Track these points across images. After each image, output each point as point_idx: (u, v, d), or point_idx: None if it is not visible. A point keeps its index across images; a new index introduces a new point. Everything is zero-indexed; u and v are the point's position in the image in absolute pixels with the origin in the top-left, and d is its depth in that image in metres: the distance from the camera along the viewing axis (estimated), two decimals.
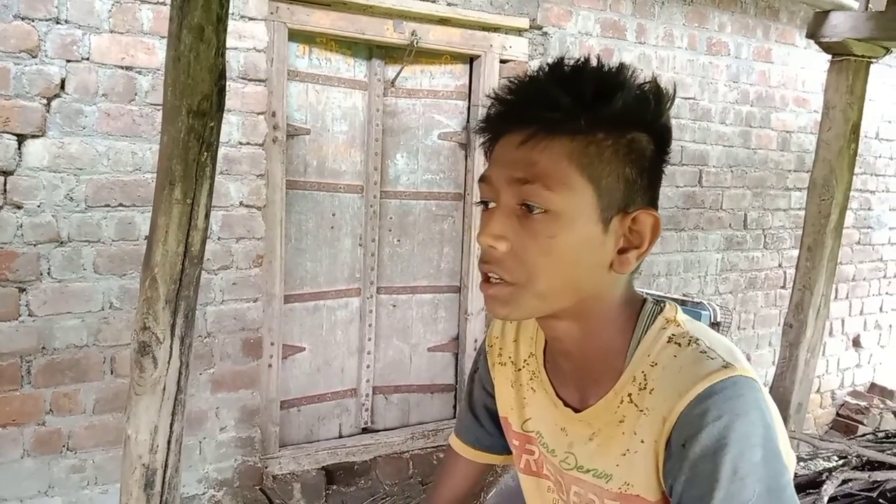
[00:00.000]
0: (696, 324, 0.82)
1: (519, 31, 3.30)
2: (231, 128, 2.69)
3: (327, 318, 3.20)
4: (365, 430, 3.38)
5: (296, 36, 2.89)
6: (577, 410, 0.87)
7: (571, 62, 0.78)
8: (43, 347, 2.45)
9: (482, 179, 0.81)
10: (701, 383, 0.74)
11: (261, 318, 2.87)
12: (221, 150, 2.67)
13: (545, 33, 3.36)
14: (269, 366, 2.95)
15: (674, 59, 3.76)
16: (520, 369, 0.96)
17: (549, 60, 0.81)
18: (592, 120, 0.75)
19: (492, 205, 0.80)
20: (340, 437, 3.31)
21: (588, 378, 0.86)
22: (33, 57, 2.32)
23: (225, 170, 2.70)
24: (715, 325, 3.23)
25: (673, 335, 0.80)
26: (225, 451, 2.85)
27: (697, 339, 0.79)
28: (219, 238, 2.73)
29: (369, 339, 3.30)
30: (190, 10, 1.71)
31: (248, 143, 2.73)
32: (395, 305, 3.36)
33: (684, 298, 3.41)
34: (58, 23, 2.35)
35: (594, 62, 0.78)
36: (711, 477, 0.70)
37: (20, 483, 2.46)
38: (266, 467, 2.98)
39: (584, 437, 0.85)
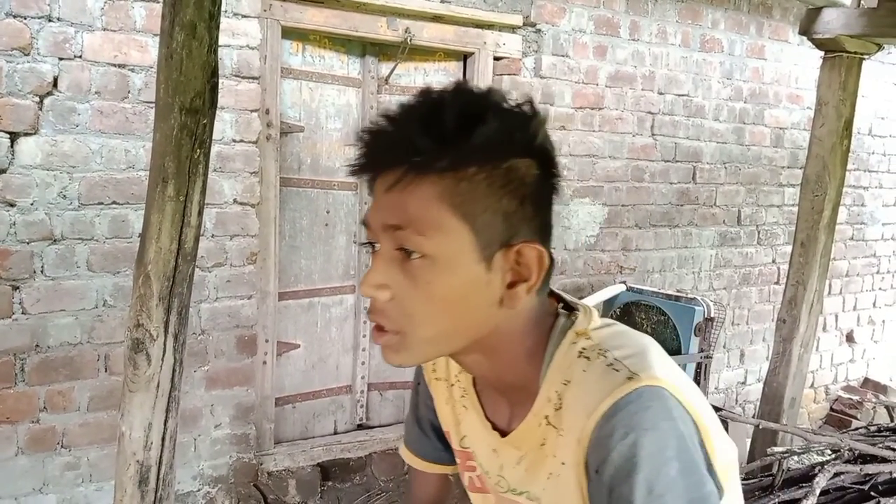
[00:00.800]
0: (611, 331, 0.79)
1: (512, 29, 3.31)
2: (224, 125, 2.70)
3: (322, 316, 3.20)
4: (360, 427, 3.38)
5: (289, 33, 2.89)
6: (504, 434, 0.85)
7: (434, 95, 0.73)
8: (37, 345, 2.45)
9: (363, 222, 0.78)
10: (605, 401, 0.70)
11: (255, 316, 2.87)
12: (215, 148, 2.67)
13: (539, 30, 3.36)
14: (264, 363, 2.95)
15: (667, 55, 3.77)
16: (452, 385, 0.94)
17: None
18: (458, 156, 0.71)
19: (378, 246, 0.76)
20: (335, 433, 3.31)
21: (511, 401, 0.84)
22: (25, 55, 2.32)
23: (219, 167, 2.70)
24: (709, 320, 3.25)
25: (583, 349, 0.76)
26: (220, 448, 2.85)
27: (605, 351, 0.75)
28: (213, 235, 2.73)
29: (364, 336, 3.31)
30: (182, 8, 1.71)
31: (241, 141, 2.74)
32: None
33: (678, 294, 3.42)
34: (50, 20, 2.34)
35: (459, 91, 0.73)
36: (627, 500, 0.67)
37: (14, 481, 2.46)
38: (261, 464, 2.98)
39: (513, 460, 0.83)
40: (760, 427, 2.79)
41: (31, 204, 2.39)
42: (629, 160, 3.75)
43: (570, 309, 0.82)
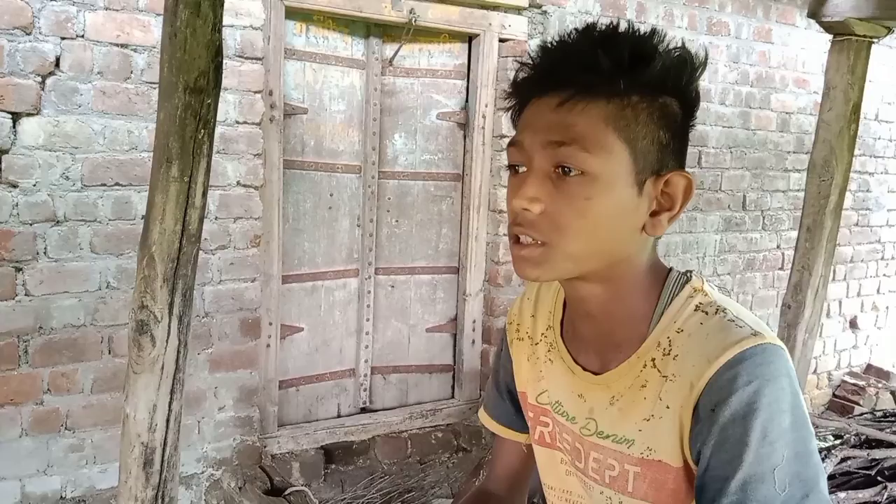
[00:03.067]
0: (723, 296, 0.84)
1: (518, 10, 3.27)
2: (228, 106, 2.67)
3: (325, 299, 3.19)
4: (363, 410, 3.38)
5: (293, 14, 2.86)
6: (596, 374, 0.88)
7: (604, 26, 0.78)
8: (40, 327, 2.44)
9: (512, 143, 0.82)
10: (731, 349, 0.74)
11: (259, 298, 2.86)
12: (218, 129, 2.63)
13: (545, 12, 3.32)
14: (268, 346, 2.95)
15: (673, 38, 3.72)
16: (537, 343, 0.97)
17: (569, 30, 0.80)
18: (630, 83, 0.76)
19: (522, 169, 0.80)
20: (339, 416, 3.32)
21: (609, 343, 0.86)
22: (27, 34, 2.29)
23: (222, 149, 2.68)
24: None
25: (700, 304, 0.81)
26: (224, 431, 2.85)
27: (725, 309, 0.79)
28: (216, 218, 2.71)
29: (367, 320, 3.30)
30: None
31: (244, 122, 2.71)
32: (393, 286, 3.35)
33: None
34: None
35: (630, 27, 0.78)
36: (741, 440, 0.71)
37: (19, 462, 2.46)
38: (265, 446, 2.99)
39: (604, 401, 0.86)
40: None
41: (34, 185, 2.37)
42: None
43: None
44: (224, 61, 2.63)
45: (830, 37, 3.18)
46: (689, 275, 0.85)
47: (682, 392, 0.77)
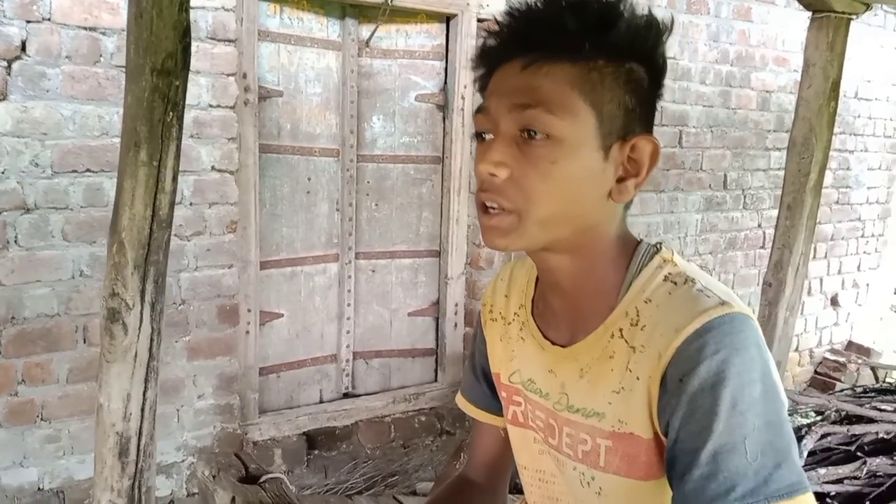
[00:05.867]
0: (693, 266, 0.83)
1: None
2: (200, 90, 2.63)
3: (305, 285, 3.16)
4: (346, 396, 3.37)
5: None
6: (564, 348, 0.87)
7: None
8: (12, 317, 2.40)
9: (479, 111, 0.81)
10: (699, 318, 0.73)
11: (236, 285, 2.83)
12: (191, 113, 2.61)
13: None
14: (247, 332, 2.92)
15: (643, 8, 3.69)
16: (509, 323, 0.96)
17: None
18: (596, 46, 0.75)
19: (489, 136, 0.80)
20: (321, 402, 3.30)
21: (578, 315, 0.85)
22: None
23: (195, 133, 2.63)
24: None
25: (669, 274, 0.80)
26: (203, 419, 2.82)
27: (693, 279, 0.79)
28: (191, 203, 2.67)
29: (349, 305, 3.28)
30: None
31: (218, 106, 2.67)
32: (374, 271, 3.33)
33: None
34: None
35: None
36: (710, 411, 0.70)
37: None
38: (246, 433, 2.96)
39: (574, 374, 0.85)
40: None
41: (2, 172, 2.32)
42: None
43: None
44: (196, 44, 2.60)
45: (809, 14, 3.17)
46: (658, 246, 0.84)
47: (650, 362, 0.76)
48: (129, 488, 1.90)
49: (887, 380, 4.51)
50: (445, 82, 3.29)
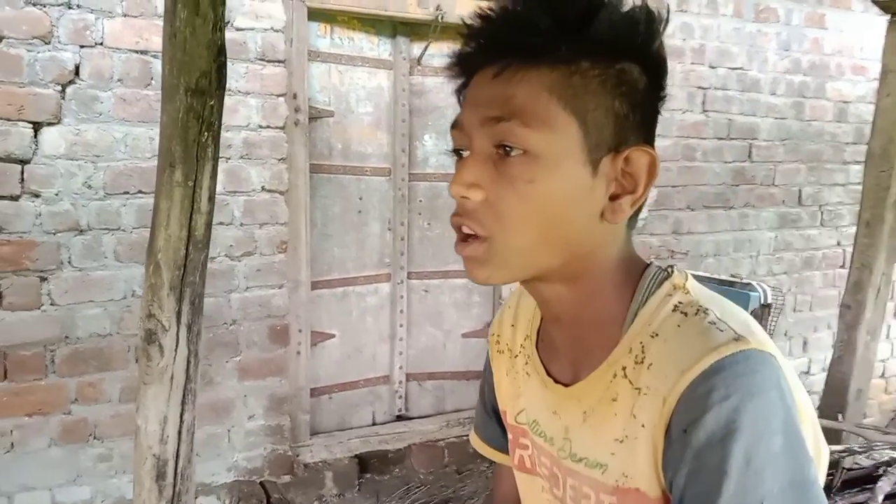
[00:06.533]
0: (710, 294, 0.71)
1: None
2: (250, 111, 2.63)
3: (357, 305, 3.13)
4: (399, 418, 3.30)
5: (316, 15, 2.81)
6: (567, 387, 0.77)
7: None
8: (66, 336, 2.44)
9: (453, 125, 0.72)
10: (707, 357, 0.62)
11: (287, 305, 2.81)
12: (241, 134, 2.62)
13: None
14: (298, 353, 2.89)
15: (718, 27, 3.55)
16: (515, 356, 0.87)
17: None
18: (576, 45, 0.66)
19: (465, 153, 0.71)
20: (374, 424, 3.24)
21: (581, 349, 0.75)
22: (46, 43, 2.29)
23: (245, 154, 2.64)
24: (765, 306, 3.05)
25: (679, 303, 0.68)
26: (254, 440, 2.81)
27: (707, 309, 0.67)
28: (241, 224, 2.67)
29: (401, 326, 3.22)
30: None
31: (268, 127, 2.67)
32: (426, 291, 3.27)
33: (732, 279, 3.22)
34: (69, 7, 2.31)
35: None
36: (719, 469, 0.59)
37: (48, 472, 2.46)
38: (297, 455, 2.93)
39: (578, 417, 0.74)
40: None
41: (56, 194, 2.37)
42: (679, 138, 3.56)
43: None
44: (245, 65, 2.62)
45: (888, 17, 2.97)
46: (670, 270, 0.73)
47: (654, 408, 0.65)
48: None
49: None
50: None
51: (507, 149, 0.66)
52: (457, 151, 0.72)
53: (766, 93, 3.74)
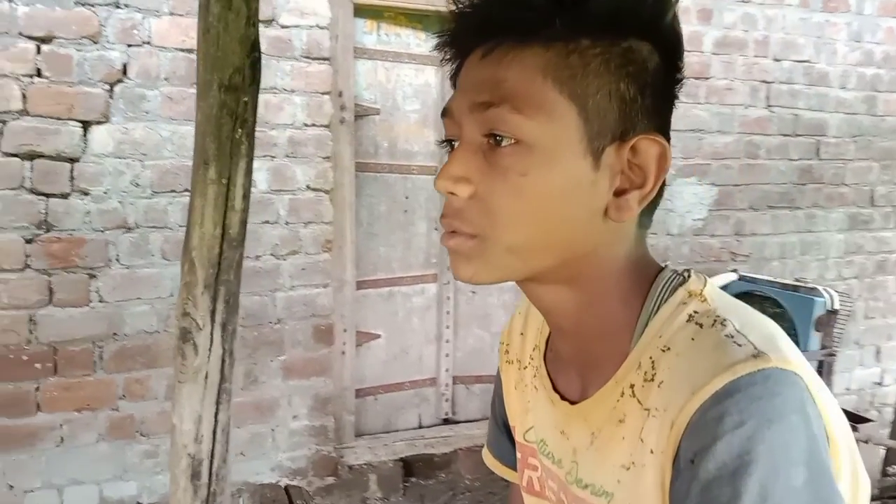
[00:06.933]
0: (732, 302, 0.62)
1: None
2: (295, 108, 2.62)
3: (403, 305, 3.09)
4: (445, 421, 3.25)
5: (362, 11, 2.78)
6: (575, 403, 0.69)
7: None
8: (114, 333, 2.47)
9: (444, 113, 0.64)
10: (721, 376, 0.54)
11: (331, 305, 2.79)
12: (286, 132, 2.61)
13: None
14: (343, 353, 2.87)
15: (783, 18, 3.38)
16: (524, 367, 0.79)
17: None
18: (573, 21, 0.58)
19: (457, 143, 0.63)
20: (420, 427, 3.20)
21: (589, 362, 0.67)
22: (95, 43, 2.32)
23: (290, 153, 2.63)
24: (832, 313, 2.88)
25: (695, 312, 0.60)
26: (298, 440, 2.79)
27: (725, 320, 0.58)
28: (287, 223, 2.66)
29: (447, 327, 3.16)
30: None
31: (313, 125, 2.65)
32: (474, 292, 3.20)
33: (797, 283, 3.06)
34: (118, 7, 2.34)
35: None
36: None
37: (96, 466, 2.50)
38: (341, 457, 2.91)
39: (585, 438, 0.67)
40: (869, 443, 2.42)
41: (105, 192, 2.40)
42: (741, 135, 3.40)
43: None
44: (290, 62, 2.60)
45: None
46: (686, 275, 0.64)
47: (663, 432, 0.57)
48: None
49: None
50: None
51: (498, 138, 0.59)
52: (449, 142, 0.65)
53: (836, 86, 3.54)
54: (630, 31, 0.59)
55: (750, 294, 3.12)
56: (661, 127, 0.62)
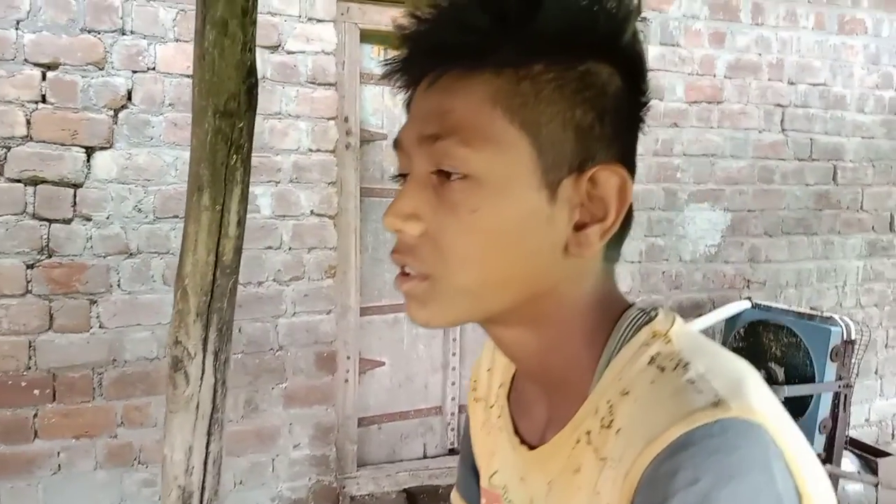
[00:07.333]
0: (702, 343, 0.58)
1: None
2: (301, 134, 2.61)
3: (408, 332, 3.04)
4: (451, 451, 3.18)
5: (369, 37, 2.77)
6: (534, 448, 0.65)
7: None
8: (114, 360, 2.45)
9: (395, 145, 0.62)
10: (676, 427, 0.49)
11: (335, 331, 2.75)
12: (291, 158, 2.60)
13: (644, 19, 3.05)
14: (346, 381, 2.83)
15: (798, 40, 3.33)
16: (491, 406, 0.75)
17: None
18: (522, 45, 0.54)
19: (408, 177, 0.60)
20: (424, 457, 3.14)
21: (550, 405, 0.64)
22: (100, 69, 2.33)
23: (295, 178, 2.61)
24: (848, 343, 2.80)
25: (658, 354, 0.56)
26: (298, 470, 2.74)
27: (688, 364, 0.53)
28: (290, 248, 2.64)
29: (454, 355, 3.11)
30: (213, 3, 1.61)
31: (318, 150, 2.63)
32: None
33: (812, 313, 2.98)
34: (123, 34, 2.34)
35: None
36: None
37: (93, 494, 2.46)
38: (343, 487, 2.85)
39: (542, 488, 0.62)
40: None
41: (107, 218, 2.39)
42: (755, 159, 3.34)
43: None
44: (296, 88, 2.59)
45: None
46: (653, 314, 0.60)
47: (617, 484, 0.52)
48: None
49: None
50: None
51: (448, 172, 0.56)
52: (403, 176, 0.61)
53: (853, 110, 3.48)
54: (586, 53, 0.56)
55: (765, 323, 3.05)
56: (624, 155, 0.58)
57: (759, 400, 0.51)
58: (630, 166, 0.59)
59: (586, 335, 0.59)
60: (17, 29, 2.23)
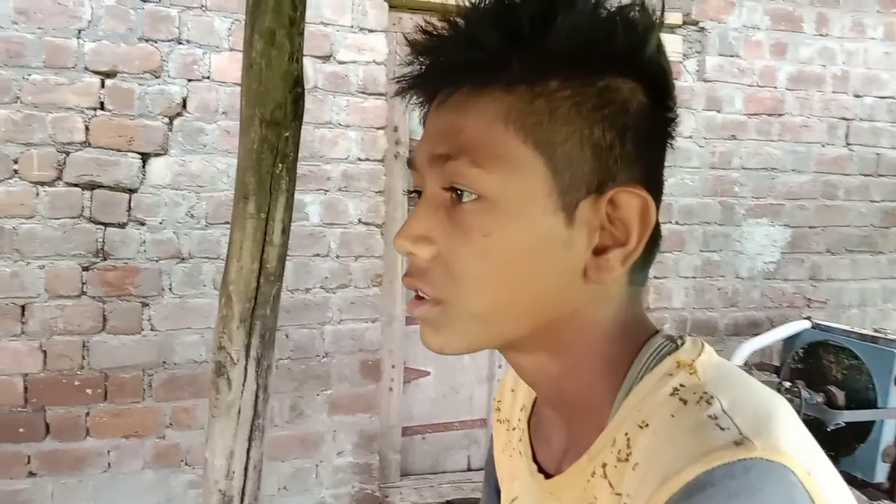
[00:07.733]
0: (731, 375, 0.54)
1: (671, 28, 2.96)
2: (350, 143, 2.62)
3: None
4: None
5: None
6: (549, 476, 0.62)
7: None
8: (164, 362, 2.49)
9: (408, 163, 0.60)
10: (694, 466, 0.46)
11: (380, 340, 2.75)
12: (340, 167, 2.61)
13: (702, 29, 2.98)
14: (390, 389, 2.82)
15: (865, 52, 3.21)
16: (513, 428, 0.73)
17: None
18: (534, 61, 0.51)
19: (421, 197, 0.59)
20: (468, 470, 3.10)
21: (570, 433, 0.61)
22: (156, 77, 2.38)
23: (343, 186, 2.63)
24: None
25: (681, 386, 0.52)
26: (341, 477, 2.75)
27: (712, 397, 0.50)
28: (337, 256, 2.65)
29: (499, 367, 3.08)
30: (261, 15, 1.63)
31: (367, 159, 2.65)
32: None
33: (876, 335, 2.85)
34: (179, 43, 2.39)
35: None
36: None
37: (140, 494, 2.51)
38: (386, 496, 2.85)
39: None
40: None
41: (160, 223, 2.44)
42: (818, 174, 3.23)
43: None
44: (346, 98, 2.61)
45: None
46: (679, 342, 0.56)
47: None
48: None
49: None
50: None
51: (460, 192, 0.54)
52: (419, 193, 0.59)
53: None
54: (605, 68, 0.53)
55: (825, 344, 2.93)
56: (648, 175, 0.55)
57: (787, 438, 0.47)
58: (655, 186, 0.56)
59: (607, 363, 0.57)
60: (78, 38, 2.30)
